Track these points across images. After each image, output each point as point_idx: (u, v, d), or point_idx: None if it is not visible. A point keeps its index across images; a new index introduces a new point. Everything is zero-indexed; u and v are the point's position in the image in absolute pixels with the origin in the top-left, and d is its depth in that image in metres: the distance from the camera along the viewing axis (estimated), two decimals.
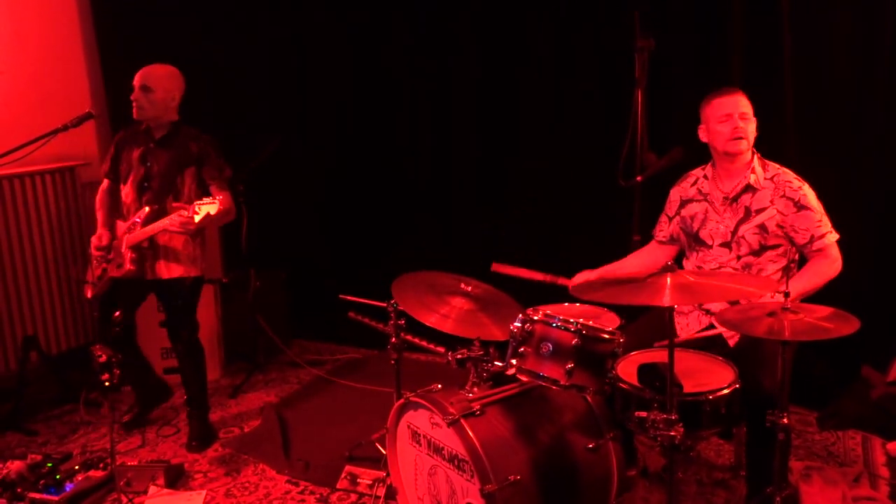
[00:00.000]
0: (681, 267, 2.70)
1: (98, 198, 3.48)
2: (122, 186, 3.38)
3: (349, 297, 3.09)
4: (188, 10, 4.62)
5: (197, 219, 2.97)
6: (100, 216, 3.45)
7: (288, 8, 4.57)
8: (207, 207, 2.97)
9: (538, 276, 2.95)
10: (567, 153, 3.94)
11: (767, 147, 2.79)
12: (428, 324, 2.62)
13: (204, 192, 3.32)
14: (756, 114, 2.72)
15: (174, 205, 3.15)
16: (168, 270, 3.32)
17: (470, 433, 2.23)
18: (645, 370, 2.17)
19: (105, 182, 3.48)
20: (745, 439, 2.57)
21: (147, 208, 3.25)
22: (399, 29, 4.29)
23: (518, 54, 4.00)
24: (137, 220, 3.25)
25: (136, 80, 3.27)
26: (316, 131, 4.69)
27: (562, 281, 2.91)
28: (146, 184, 3.30)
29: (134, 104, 3.27)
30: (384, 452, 2.75)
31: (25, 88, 4.24)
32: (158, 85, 3.28)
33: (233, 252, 4.31)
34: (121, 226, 3.36)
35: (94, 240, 3.37)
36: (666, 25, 3.48)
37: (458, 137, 4.27)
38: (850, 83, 3.29)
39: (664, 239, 3.00)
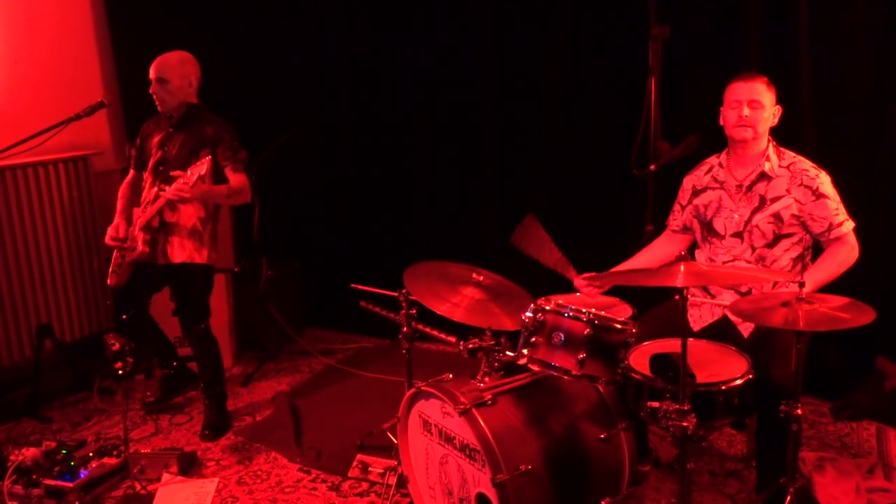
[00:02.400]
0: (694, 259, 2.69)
1: (121, 189, 3.54)
2: (144, 173, 3.43)
3: (361, 287, 3.08)
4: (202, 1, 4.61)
5: (192, 179, 2.99)
6: (119, 205, 3.49)
7: (309, 2, 4.57)
8: (198, 169, 2.99)
9: (557, 254, 2.85)
10: (581, 142, 3.92)
11: (784, 134, 2.76)
12: (439, 312, 2.61)
13: (218, 174, 3.31)
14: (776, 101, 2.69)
15: (172, 174, 3.14)
16: (177, 253, 3.33)
17: (481, 423, 2.23)
18: (657, 360, 2.15)
19: (130, 172, 3.56)
20: (756, 430, 2.55)
21: (156, 189, 3.26)
22: (417, 19, 4.27)
23: (532, 44, 3.97)
24: (149, 200, 3.29)
25: (152, 74, 3.28)
26: (330, 120, 4.69)
27: (571, 273, 2.85)
28: (161, 167, 3.33)
29: (155, 98, 3.29)
30: (395, 441, 2.75)
31: (38, 78, 4.25)
32: (173, 74, 3.28)
33: (245, 241, 4.32)
34: (136, 212, 3.39)
35: (110, 230, 3.40)
36: (681, 13, 3.45)
37: (473, 128, 4.25)
38: (868, 70, 3.24)
39: (678, 228, 2.97)
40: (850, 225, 2.61)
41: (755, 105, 2.62)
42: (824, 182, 2.61)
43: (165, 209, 3.27)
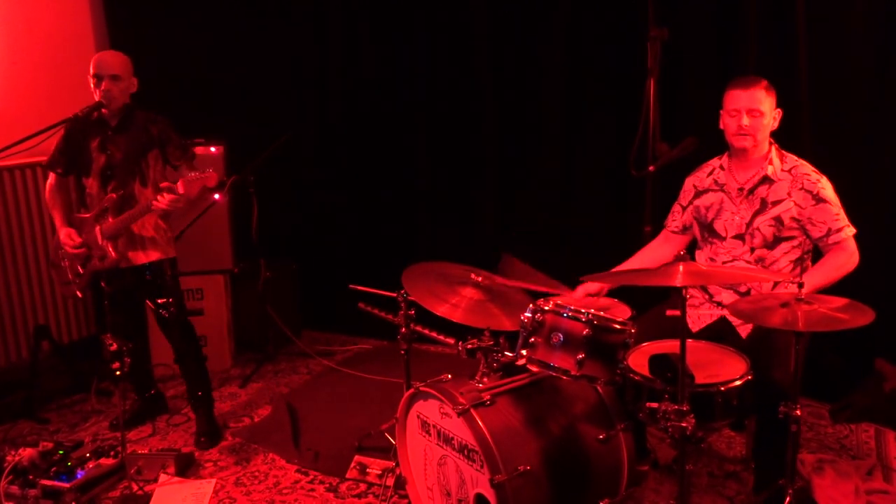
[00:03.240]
0: (693, 259, 2.68)
1: (48, 196, 3.38)
2: (84, 179, 3.32)
3: (359, 288, 3.08)
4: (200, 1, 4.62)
5: (181, 191, 2.94)
6: (57, 215, 3.34)
7: (308, 2, 4.57)
8: (202, 180, 2.94)
9: (545, 278, 2.83)
10: (580, 143, 3.92)
11: (783, 137, 2.75)
12: (438, 313, 2.60)
13: (171, 172, 3.28)
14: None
15: (163, 185, 3.07)
16: (146, 256, 3.29)
17: (480, 423, 2.22)
18: (656, 361, 2.15)
19: (52, 176, 3.37)
20: (755, 431, 2.55)
21: (113, 195, 3.20)
22: (417, 22, 4.27)
23: (532, 45, 3.97)
24: (106, 206, 3.20)
25: (102, 70, 3.14)
26: (329, 122, 4.68)
27: (565, 291, 2.83)
28: (109, 172, 3.24)
29: (103, 95, 3.14)
30: (394, 442, 2.75)
31: (36, 78, 4.24)
32: (124, 72, 3.20)
33: (243, 242, 4.31)
34: (86, 219, 3.28)
35: (64, 239, 3.26)
36: (680, 14, 3.45)
37: (473, 128, 4.24)
38: (869, 71, 3.24)
39: (677, 229, 2.97)
40: (850, 231, 2.61)
41: (755, 114, 2.60)
42: (826, 187, 2.61)
43: (134, 221, 3.20)
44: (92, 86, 3.18)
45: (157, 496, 2.91)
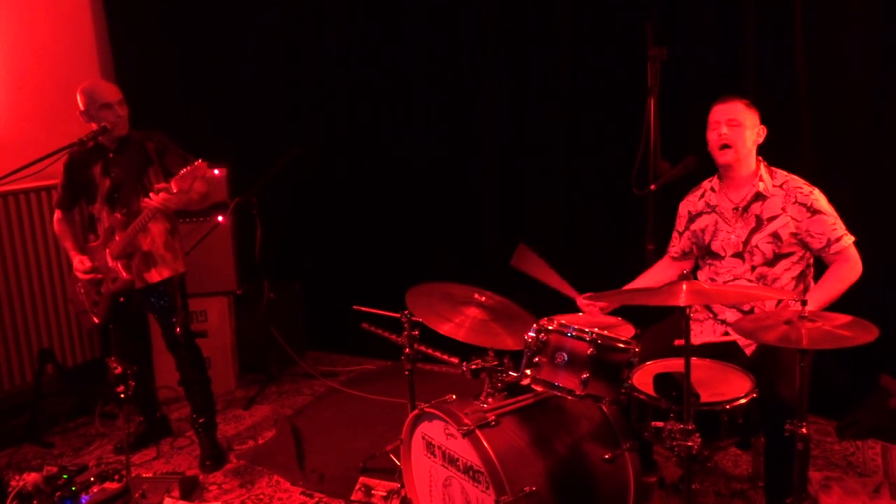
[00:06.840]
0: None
1: (57, 230, 3.44)
2: (92, 207, 3.34)
3: (363, 308, 3.08)
4: (204, 24, 4.66)
5: (175, 189, 2.95)
6: (69, 245, 3.40)
7: (308, 19, 4.61)
8: (194, 172, 2.93)
9: (556, 276, 2.81)
10: (581, 162, 3.93)
11: (783, 154, 2.77)
12: (441, 332, 2.60)
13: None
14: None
15: (157, 186, 3.07)
16: (158, 273, 3.30)
17: (485, 444, 2.22)
18: (661, 380, 2.15)
19: (57, 213, 3.43)
20: (763, 450, 2.54)
21: (118, 215, 3.22)
22: (416, 41, 4.31)
23: (532, 65, 4.00)
24: (112, 227, 3.22)
25: (110, 97, 3.19)
26: (331, 142, 4.70)
27: (573, 293, 2.85)
28: (115, 195, 3.26)
29: (119, 121, 3.20)
30: (398, 464, 2.74)
31: (42, 103, 4.28)
32: (123, 97, 3.26)
33: (246, 264, 4.32)
34: (96, 246, 3.31)
35: (77, 265, 3.30)
36: (679, 33, 3.48)
37: (473, 149, 4.26)
38: (867, 85, 3.26)
39: (677, 255, 2.97)
40: (849, 239, 2.61)
41: (733, 123, 2.63)
42: (819, 198, 2.62)
43: (138, 234, 3.21)
44: (101, 116, 3.17)
45: None
